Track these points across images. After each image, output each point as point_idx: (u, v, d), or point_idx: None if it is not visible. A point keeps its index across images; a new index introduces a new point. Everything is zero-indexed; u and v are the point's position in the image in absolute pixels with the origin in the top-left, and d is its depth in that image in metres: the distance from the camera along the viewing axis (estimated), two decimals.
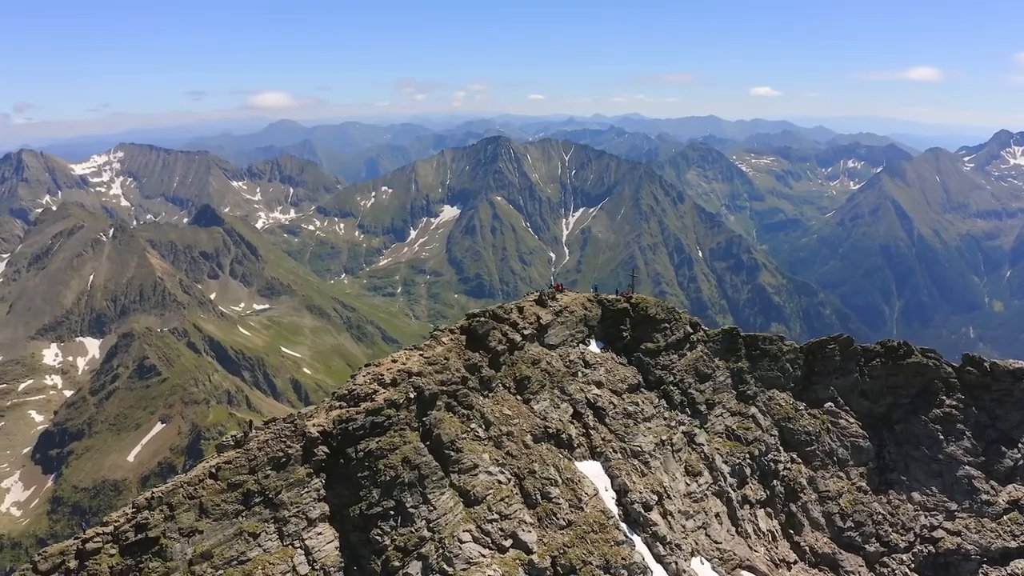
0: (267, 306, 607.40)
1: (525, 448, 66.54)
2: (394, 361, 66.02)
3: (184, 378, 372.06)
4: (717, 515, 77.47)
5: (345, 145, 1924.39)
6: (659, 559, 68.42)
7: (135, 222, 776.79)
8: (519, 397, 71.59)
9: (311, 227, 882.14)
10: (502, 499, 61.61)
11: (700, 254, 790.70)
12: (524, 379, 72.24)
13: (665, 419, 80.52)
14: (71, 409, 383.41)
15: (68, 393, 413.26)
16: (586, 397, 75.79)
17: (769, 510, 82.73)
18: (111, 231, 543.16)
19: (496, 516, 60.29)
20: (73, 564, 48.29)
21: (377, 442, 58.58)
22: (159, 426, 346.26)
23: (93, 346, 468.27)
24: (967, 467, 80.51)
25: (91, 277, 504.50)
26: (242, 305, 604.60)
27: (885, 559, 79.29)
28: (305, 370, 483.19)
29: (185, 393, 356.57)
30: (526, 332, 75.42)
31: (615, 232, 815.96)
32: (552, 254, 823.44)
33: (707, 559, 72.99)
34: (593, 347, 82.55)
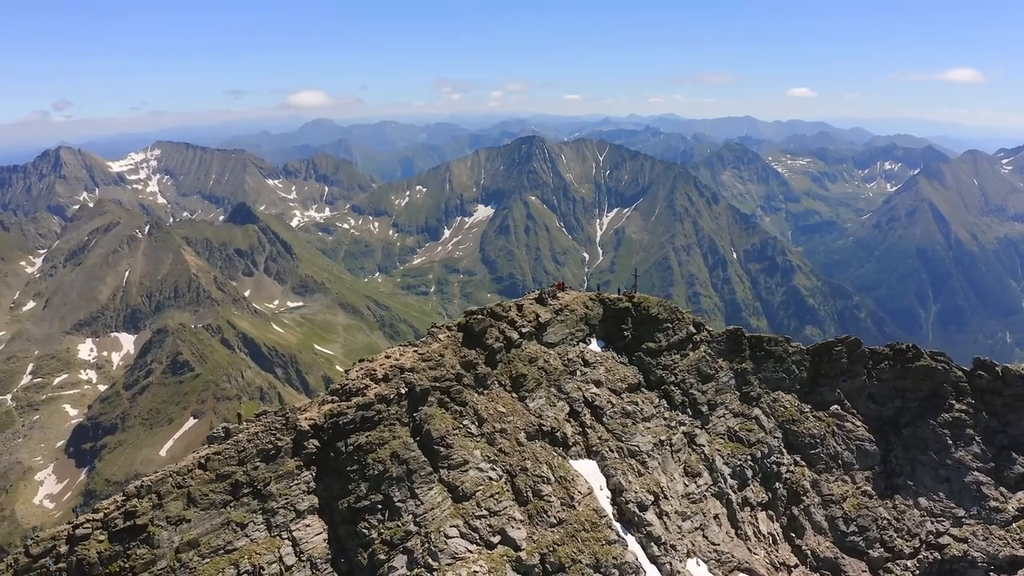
0: (301, 304, 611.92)
1: (518, 445, 66.75)
2: (387, 357, 66.63)
3: (217, 374, 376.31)
4: (716, 517, 76.90)
5: (381, 144, 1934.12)
6: (653, 559, 68.19)
7: (171, 219, 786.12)
8: (514, 395, 71.78)
9: (346, 225, 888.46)
10: (492, 495, 61.85)
11: (734, 255, 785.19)
12: (520, 377, 72.40)
13: (665, 419, 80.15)
14: (105, 403, 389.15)
15: (102, 388, 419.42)
16: (584, 396, 75.66)
17: (770, 513, 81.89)
18: (147, 228, 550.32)
19: (485, 512, 60.55)
20: (63, 549, 49.49)
21: (367, 436, 59.30)
22: (191, 421, 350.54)
23: (128, 341, 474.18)
24: (976, 473, 78.91)
25: (127, 273, 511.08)
26: (276, 302, 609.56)
27: (889, 565, 77.95)
28: (338, 367, 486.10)
29: (217, 389, 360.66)
30: (524, 330, 75.61)
31: (649, 233, 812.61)
32: (586, 254, 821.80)
33: (704, 561, 72.55)
34: (594, 346, 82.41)
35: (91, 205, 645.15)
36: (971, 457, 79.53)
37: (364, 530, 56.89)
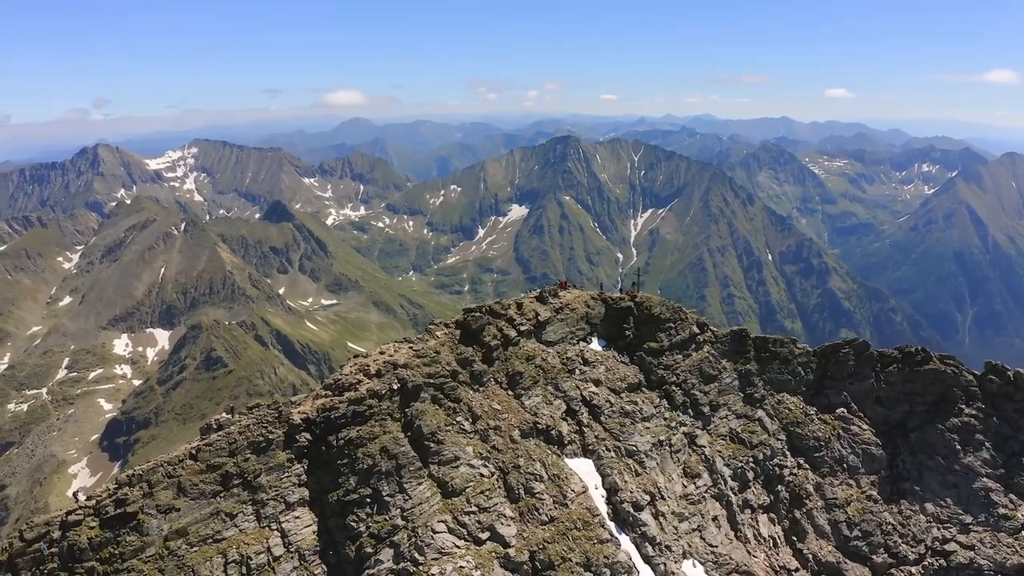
0: (335, 301, 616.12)
1: (512, 443, 66.93)
2: (381, 353, 67.33)
3: (250, 370, 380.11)
4: (715, 518, 76.30)
5: (416, 143, 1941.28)
6: (647, 560, 67.94)
7: (208, 217, 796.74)
8: (510, 392, 71.90)
9: (380, 224, 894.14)
10: (482, 492, 62.15)
11: (769, 257, 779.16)
12: (516, 374, 72.50)
13: (665, 419, 79.68)
14: (139, 398, 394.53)
15: (137, 382, 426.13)
16: (582, 394, 75.52)
17: (772, 515, 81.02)
18: (183, 225, 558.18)
19: (474, 508, 60.88)
20: (56, 534, 50.93)
21: (357, 431, 59.93)
22: None
23: (163, 337, 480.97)
24: (985, 479, 77.44)
25: (162, 270, 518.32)
26: (310, 300, 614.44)
27: (893, 571, 76.75)
28: None
29: (250, 385, 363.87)
30: (523, 328, 75.69)
31: (684, 233, 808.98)
32: (620, 255, 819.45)
33: (700, 562, 72.08)
34: (595, 345, 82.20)
35: (128, 202, 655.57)
36: (980, 463, 78.07)
37: (352, 523, 57.54)
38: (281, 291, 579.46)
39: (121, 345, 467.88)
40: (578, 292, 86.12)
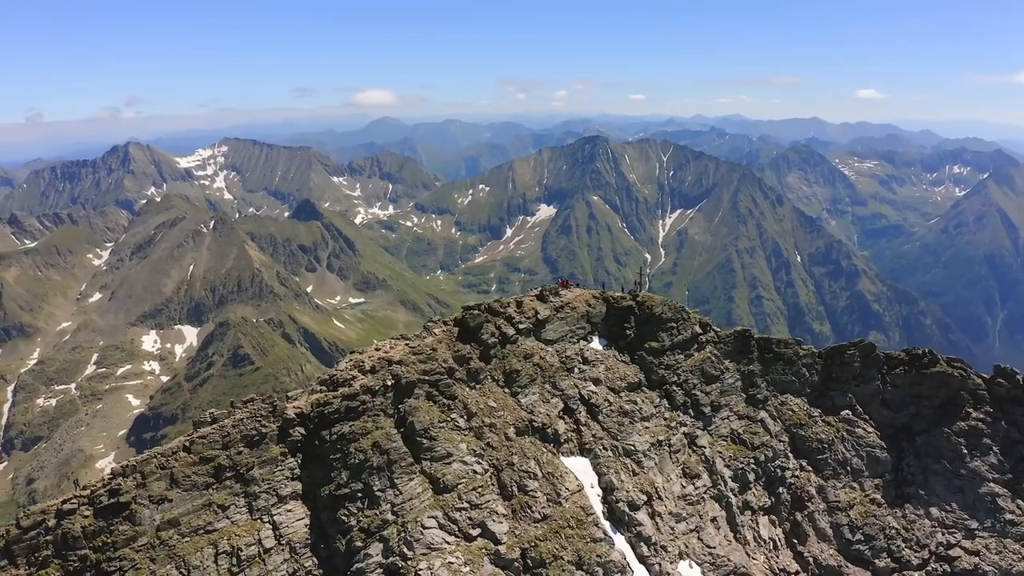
0: (362, 300, 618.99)
1: (506, 440, 67.15)
2: (377, 349, 67.99)
3: (276, 368, 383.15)
4: (714, 519, 76.01)
5: (445, 143, 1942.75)
6: (642, 560, 67.89)
7: (237, 215, 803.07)
8: (507, 390, 72.11)
9: (409, 223, 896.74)
10: (474, 488, 62.54)
11: (798, 259, 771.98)
12: (513, 372, 72.67)
13: (665, 419, 79.45)
14: (166, 394, 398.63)
15: (164, 379, 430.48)
16: (580, 393, 75.52)
17: (773, 518, 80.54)
18: (212, 223, 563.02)
19: (466, 505, 61.27)
20: (52, 523, 51.90)
21: (350, 426, 60.64)
22: None
23: (191, 334, 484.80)
24: (991, 484, 76.31)
25: (191, 267, 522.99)
26: (338, 298, 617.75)
27: (895, 575, 77.30)
28: None
29: (277, 382, 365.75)
30: (521, 326, 75.87)
31: (712, 234, 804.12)
32: (648, 255, 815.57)
33: (697, 563, 71.88)
34: (595, 344, 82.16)
35: (158, 200, 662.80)
36: (987, 468, 76.94)
37: (343, 517, 58.18)
38: (309, 289, 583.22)
39: (149, 341, 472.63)
40: (579, 291, 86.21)
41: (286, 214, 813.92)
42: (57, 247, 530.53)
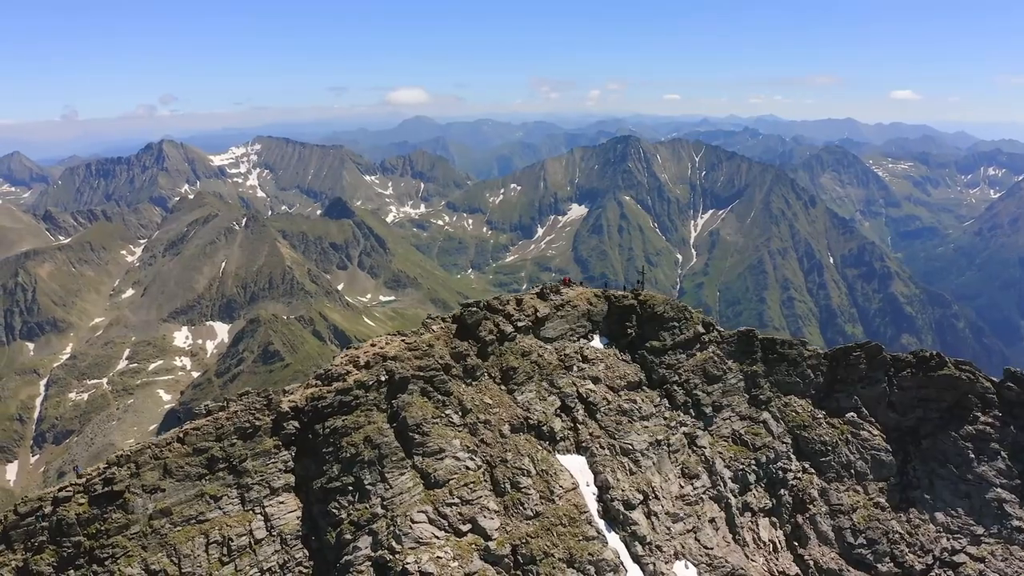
0: (393, 298, 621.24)
1: (501, 437, 67.44)
2: (372, 345, 68.62)
3: (306, 364, 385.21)
4: (712, 520, 75.63)
5: (478, 142, 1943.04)
6: (636, 559, 67.85)
7: (269, 212, 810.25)
8: (503, 387, 72.42)
9: (440, 222, 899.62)
10: (466, 484, 62.81)
11: (831, 260, 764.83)
12: (510, 370, 72.92)
13: (665, 419, 79.17)
14: (197, 390, 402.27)
15: (195, 374, 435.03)
16: (578, 391, 75.58)
17: (773, 520, 79.98)
18: (244, 220, 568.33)
19: (457, 500, 61.57)
20: (48, 510, 53.07)
21: (343, 420, 61.33)
22: None
23: (222, 330, 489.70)
24: (999, 489, 75.09)
25: (223, 264, 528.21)
26: (368, 296, 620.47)
27: None
28: None
29: (306, 379, 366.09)
30: (520, 324, 76.09)
31: (744, 235, 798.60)
32: (679, 256, 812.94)
33: (694, 564, 71.60)
34: (596, 343, 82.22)
35: (191, 197, 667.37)
36: (995, 473, 75.76)
37: (334, 510, 58.91)
38: (340, 287, 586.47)
39: (181, 337, 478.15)
40: (581, 289, 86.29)
41: (318, 212, 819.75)
42: (91, 243, 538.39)
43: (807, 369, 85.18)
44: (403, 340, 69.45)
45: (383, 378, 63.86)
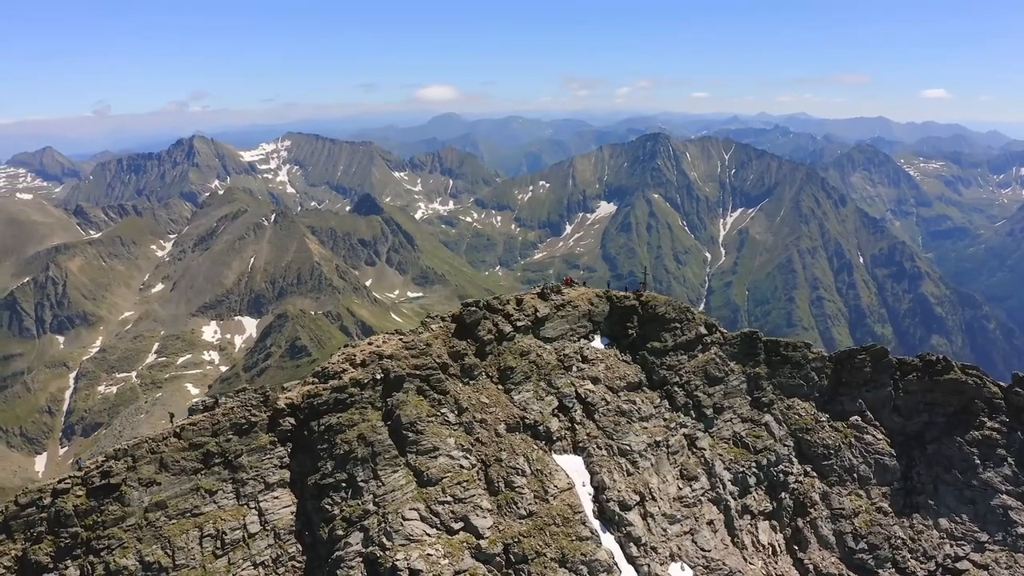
0: (420, 294, 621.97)
1: (496, 436, 67.93)
2: (369, 343, 69.32)
3: None
4: (710, 522, 75.33)
5: (506, 139, 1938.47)
6: (631, 560, 68.03)
7: (299, 208, 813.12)
8: (500, 387, 72.83)
9: (468, 219, 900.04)
10: (460, 483, 63.43)
11: (861, 260, 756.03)
12: (508, 369, 73.32)
13: (665, 420, 79.04)
14: (224, 384, 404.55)
15: (223, 368, 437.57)
16: (576, 391, 75.72)
17: (773, 523, 79.48)
18: (273, 216, 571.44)
19: (449, 498, 62.21)
20: (47, 501, 54.63)
21: (338, 418, 62.29)
22: None
23: (250, 325, 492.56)
24: (1004, 496, 74.18)
25: (252, 259, 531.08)
26: (396, 292, 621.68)
27: None
28: None
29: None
30: (520, 324, 76.40)
31: (773, 234, 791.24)
32: (708, 254, 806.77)
33: (690, 566, 71.48)
34: (597, 343, 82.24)
35: (221, 193, 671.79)
36: (1000, 479, 74.81)
37: (327, 506, 59.94)
38: (368, 283, 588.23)
39: (210, 332, 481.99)
40: (583, 289, 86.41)
41: (347, 208, 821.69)
42: (121, 238, 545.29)
43: (811, 372, 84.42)
44: (401, 339, 70.15)
45: (378, 376, 64.65)
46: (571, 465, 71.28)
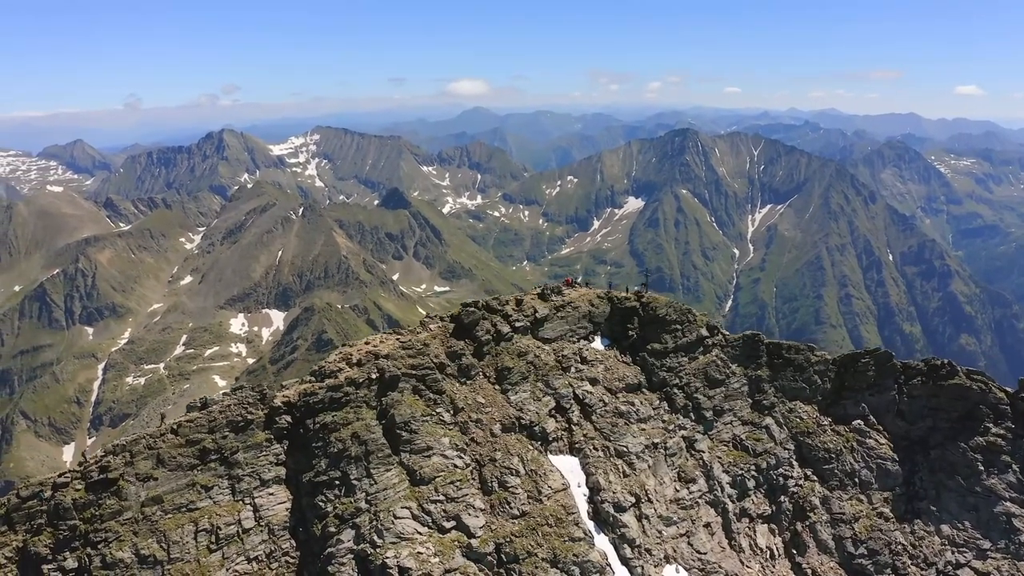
0: (447, 288, 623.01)
1: (491, 436, 68.48)
2: (366, 343, 70.12)
3: None
4: (707, 525, 75.41)
5: (536, 134, 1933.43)
6: (625, 562, 68.33)
7: (327, 202, 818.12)
8: (497, 387, 73.31)
9: (496, 213, 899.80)
10: (453, 482, 64.03)
11: (890, 258, 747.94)
12: (505, 370, 73.77)
13: (664, 422, 79.03)
14: (251, 376, 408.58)
15: (250, 361, 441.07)
16: (574, 392, 75.99)
17: (772, 527, 79.15)
18: (301, 210, 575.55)
19: (442, 497, 62.86)
20: (48, 494, 56.05)
21: (332, 416, 63.15)
22: None
23: (277, 318, 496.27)
24: (1008, 503, 73.23)
25: (280, 253, 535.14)
26: (423, 286, 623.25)
27: None
28: None
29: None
30: (518, 324, 76.87)
31: (802, 231, 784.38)
32: (736, 251, 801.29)
33: (686, 568, 71.58)
34: (597, 344, 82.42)
35: (250, 186, 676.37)
36: (1004, 486, 73.90)
37: (320, 503, 60.85)
38: (395, 277, 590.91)
39: (237, 324, 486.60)
40: (584, 290, 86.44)
41: (375, 202, 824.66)
42: (151, 230, 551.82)
43: (814, 375, 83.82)
44: (398, 339, 70.92)
45: (374, 376, 65.49)
46: (567, 466, 71.68)
